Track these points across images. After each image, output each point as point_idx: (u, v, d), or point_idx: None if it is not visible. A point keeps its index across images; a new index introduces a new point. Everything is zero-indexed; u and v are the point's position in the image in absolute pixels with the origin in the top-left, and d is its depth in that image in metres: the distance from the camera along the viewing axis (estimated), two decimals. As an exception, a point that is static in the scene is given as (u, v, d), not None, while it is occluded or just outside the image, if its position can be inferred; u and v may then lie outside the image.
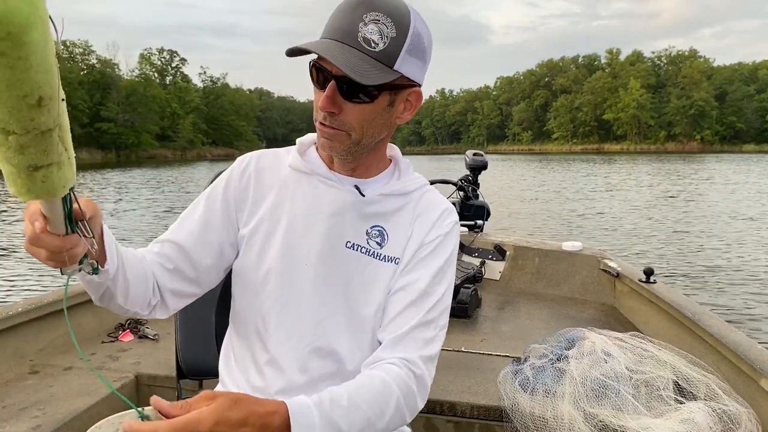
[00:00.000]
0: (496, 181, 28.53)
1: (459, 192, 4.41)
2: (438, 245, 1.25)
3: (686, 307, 2.67)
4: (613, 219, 14.76)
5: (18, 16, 0.52)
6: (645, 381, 2.20)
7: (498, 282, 4.04)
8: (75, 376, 2.44)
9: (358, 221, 1.23)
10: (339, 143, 1.15)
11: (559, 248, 3.96)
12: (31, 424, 2.01)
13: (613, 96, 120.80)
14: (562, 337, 2.49)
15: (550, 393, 2.22)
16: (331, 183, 1.23)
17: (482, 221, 4.37)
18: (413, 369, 1.13)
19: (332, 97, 1.09)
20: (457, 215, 1.32)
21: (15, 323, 2.50)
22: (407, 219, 1.26)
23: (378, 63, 1.07)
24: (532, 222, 14.68)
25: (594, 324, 2.86)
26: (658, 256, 10.11)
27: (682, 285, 8.09)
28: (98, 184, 30.14)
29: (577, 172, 36.99)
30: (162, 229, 3.05)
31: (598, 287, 3.70)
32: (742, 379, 2.19)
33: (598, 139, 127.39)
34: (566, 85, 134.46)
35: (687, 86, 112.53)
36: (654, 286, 3.06)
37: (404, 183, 1.28)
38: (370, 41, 1.06)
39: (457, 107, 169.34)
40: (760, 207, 17.03)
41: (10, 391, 2.28)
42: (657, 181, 27.13)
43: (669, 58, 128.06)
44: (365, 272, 1.22)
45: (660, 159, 56.18)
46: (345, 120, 1.12)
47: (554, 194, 22.28)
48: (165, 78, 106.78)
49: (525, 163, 57.41)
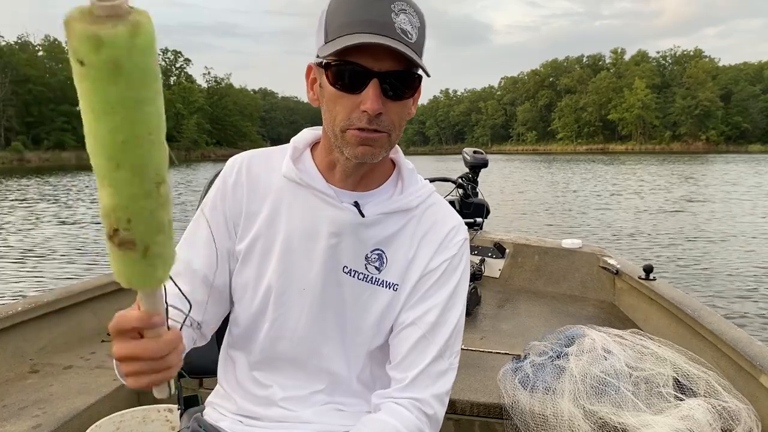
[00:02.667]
0: (504, 181, 28.47)
1: (458, 190, 4.41)
2: (445, 271, 1.18)
3: (686, 304, 2.66)
4: (619, 219, 14.71)
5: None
6: (645, 378, 2.20)
7: (498, 279, 4.04)
8: (75, 375, 2.44)
9: (357, 245, 1.15)
10: (380, 148, 1.06)
11: (559, 246, 3.95)
12: (32, 423, 2.01)
13: (618, 96, 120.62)
14: (561, 334, 2.49)
15: (549, 390, 2.22)
16: (330, 200, 1.14)
17: (482, 219, 4.36)
18: (425, 410, 1.11)
19: (380, 97, 1.00)
20: (466, 231, 1.25)
21: (15, 322, 2.49)
22: (409, 238, 1.18)
23: (417, 55, 1.01)
24: (538, 220, 14.68)
25: (594, 321, 2.87)
26: (668, 258, 10.05)
27: (691, 285, 8.08)
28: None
29: (583, 172, 36.91)
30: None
31: (598, 284, 3.70)
32: (742, 376, 2.18)
33: (603, 139, 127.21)
34: (571, 85, 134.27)
35: (692, 86, 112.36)
36: (653, 283, 3.06)
37: (408, 198, 1.18)
38: (406, 32, 0.99)
39: (461, 107, 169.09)
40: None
41: (10, 390, 2.28)
42: (675, 182, 26.89)
43: (674, 58, 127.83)
44: (361, 299, 1.17)
45: (673, 159, 55.67)
46: (388, 121, 1.04)
47: (561, 193, 22.22)
48: (169, 78, 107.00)
49: (530, 163, 57.39)
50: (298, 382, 1.20)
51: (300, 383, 1.20)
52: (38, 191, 25.25)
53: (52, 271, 9.33)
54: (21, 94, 74.11)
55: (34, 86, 74.45)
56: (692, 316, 2.55)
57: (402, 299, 1.18)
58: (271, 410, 1.20)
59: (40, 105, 75.19)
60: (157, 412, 2.08)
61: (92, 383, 2.33)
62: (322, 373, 1.20)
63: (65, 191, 25.06)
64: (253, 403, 1.21)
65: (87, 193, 23.61)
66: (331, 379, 1.20)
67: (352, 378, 1.21)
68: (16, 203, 20.09)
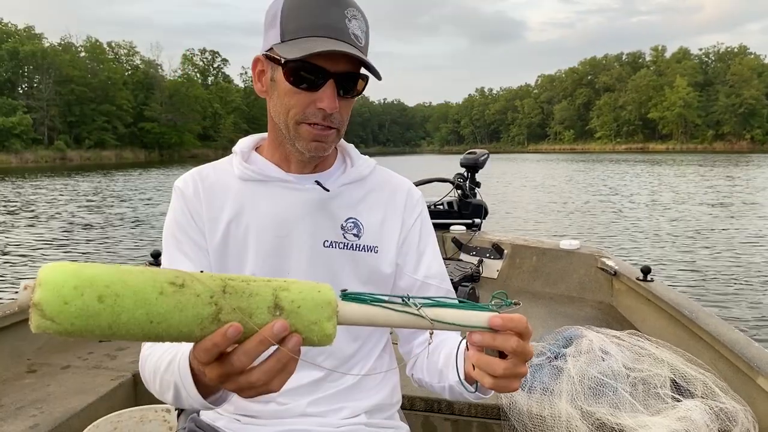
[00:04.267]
0: (544, 180, 28.13)
1: (457, 190, 4.42)
2: (422, 226, 1.31)
3: (683, 306, 2.62)
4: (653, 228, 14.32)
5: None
6: (642, 379, 2.18)
7: (496, 280, 4.01)
8: (72, 374, 2.42)
9: (330, 218, 1.21)
10: (331, 143, 1.15)
11: (557, 247, 3.91)
12: (29, 423, 1.99)
13: (659, 94, 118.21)
14: (559, 335, 2.47)
15: (547, 391, 2.21)
16: (293, 185, 1.20)
17: (480, 220, 4.35)
18: None
19: (336, 96, 1.08)
20: (416, 189, 1.37)
21: (12, 322, 2.48)
22: (376, 204, 1.27)
23: (364, 56, 1.10)
24: (563, 223, 14.51)
25: (591, 322, 2.84)
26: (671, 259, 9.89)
27: (690, 286, 7.97)
28: (144, 182, 30.91)
29: (621, 174, 36.11)
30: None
31: (596, 286, 3.65)
32: (739, 377, 2.15)
33: (643, 138, 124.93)
34: (609, 83, 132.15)
35: (736, 84, 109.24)
36: (651, 285, 3.01)
37: (359, 169, 1.28)
38: (358, 37, 1.08)
39: (496, 106, 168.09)
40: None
41: (7, 390, 2.26)
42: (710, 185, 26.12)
43: (717, 55, 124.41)
44: (348, 266, 1.21)
45: (715, 160, 54.14)
46: (340, 118, 1.13)
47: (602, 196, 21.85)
48: (207, 78, 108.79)
49: (566, 162, 56.66)
50: (296, 375, 1.19)
51: (297, 376, 1.18)
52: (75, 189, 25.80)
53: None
54: (63, 94, 76.13)
55: (76, 86, 76.44)
56: (690, 318, 2.51)
57: (388, 259, 1.26)
58: (269, 406, 1.20)
59: (82, 105, 77.14)
60: (155, 412, 2.06)
61: (90, 383, 2.32)
62: (321, 355, 1.21)
63: (95, 190, 25.52)
64: (249, 400, 1.20)
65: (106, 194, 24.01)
66: (338, 363, 1.23)
67: (357, 356, 1.25)
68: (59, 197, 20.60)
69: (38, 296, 0.59)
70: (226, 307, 0.67)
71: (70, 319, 0.59)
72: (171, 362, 0.93)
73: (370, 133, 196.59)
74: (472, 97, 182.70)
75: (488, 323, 0.79)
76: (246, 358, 0.70)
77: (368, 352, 1.29)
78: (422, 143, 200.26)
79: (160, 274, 0.66)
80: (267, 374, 0.72)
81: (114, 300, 0.61)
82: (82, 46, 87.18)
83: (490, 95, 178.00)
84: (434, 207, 4.37)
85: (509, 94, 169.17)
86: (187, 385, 0.87)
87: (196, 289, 0.66)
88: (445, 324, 0.77)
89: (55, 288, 0.59)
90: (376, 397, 1.28)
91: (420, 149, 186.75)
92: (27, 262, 10.12)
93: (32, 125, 69.41)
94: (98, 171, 42.90)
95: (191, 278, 0.66)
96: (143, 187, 26.97)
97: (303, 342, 0.71)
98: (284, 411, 1.20)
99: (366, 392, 1.27)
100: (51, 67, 75.18)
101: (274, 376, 0.73)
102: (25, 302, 0.60)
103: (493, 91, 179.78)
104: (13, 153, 65.23)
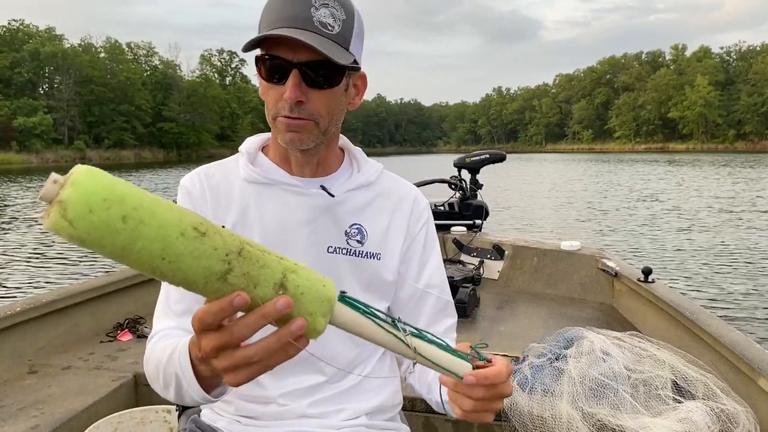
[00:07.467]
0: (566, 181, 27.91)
1: (457, 191, 4.42)
2: (427, 234, 1.31)
3: (684, 307, 2.60)
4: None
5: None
6: (643, 380, 2.17)
7: (496, 281, 4.00)
8: (73, 375, 2.41)
9: (334, 224, 1.20)
10: (308, 134, 1.10)
11: (558, 248, 3.89)
12: (30, 424, 1.98)
13: (679, 93, 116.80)
14: (560, 336, 2.46)
15: (548, 392, 2.20)
16: (297, 189, 1.18)
17: (481, 221, 4.34)
18: None
19: (298, 86, 1.05)
20: (423, 196, 1.36)
21: (13, 323, 2.48)
22: (381, 211, 1.25)
23: (338, 45, 1.06)
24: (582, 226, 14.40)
25: (592, 323, 2.83)
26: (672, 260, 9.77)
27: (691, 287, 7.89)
28: (161, 180, 31.17)
29: (640, 174, 35.59)
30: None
31: (597, 287, 3.63)
32: (741, 379, 2.13)
33: (663, 138, 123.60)
34: (629, 83, 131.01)
35: (759, 82, 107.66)
36: (652, 286, 2.99)
37: (366, 174, 1.26)
38: (326, 24, 1.05)
39: (514, 105, 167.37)
40: None
41: (8, 391, 2.25)
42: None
43: (739, 54, 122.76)
44: (351, 272, 1.21)
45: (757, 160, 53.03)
46: (312, 109, 1.08)
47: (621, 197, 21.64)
48: (225, 78, 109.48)
49: (585, 163, 56.17)
50: (296, 377, 1.20)
51: (298, 377, 1.21)
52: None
53: (51, 270, 9.65)
54: (83, 95, 77.18)
55: (96, 87, 77.41)
56: (691, 319, 2.49)
57: (391, 266, 1.25)
58: (269, 407, 1.20)
59: (101, 105, 78.12)
60: (156, 412, 2.06)
61: (90, 384, 2.31)
62: (322, 361, 1.20)
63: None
64: (250, 401, 1.21)
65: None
66: (337, 371, 1.22)
67: (356, 363, 1.24)
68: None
69: (66, 194, 0.56)
70: (237, 270, 0.65)
71: (87, 229, 0.57)
72: (171, 355, 0.94)
73: (386, 133, 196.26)
74: (489, 97, 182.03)
75: (463, 376, 0.80)
76: (246, 329, 0.68)
77: (369, 355, 1.28)
78: (439, 143, 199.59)
79: (187, 215, 0.64)
80: (265, 350, 0.69)
81: (136, 225, 0.59)
82: (102, 47, 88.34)
83: (507, 95, 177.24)
84: (435, 208, 4.37)
85: (527, 94, 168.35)
86: (187, 375, 0.87)
87: (215, 242, 0.64)
88: (424, 359, 0.78)
89: (85, 193, 0.57)
90: (376, 399, 1.27)
91: (437, 149, 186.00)
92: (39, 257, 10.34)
93: (53, 125, 70.54)
94: (117, 170, 43.34)
95: (214, 230, 0.65)
96: (162, 187, 27.18)
97: None
98: (284, 412, 1.19)
99: (367, 394, 1.26)
100: (71, 67, 76.25)
101: (273, 354, 0.70)
102: (50, 195, 0.57)
103: (511, 90, 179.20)
104: (34, 153, 66.27)
